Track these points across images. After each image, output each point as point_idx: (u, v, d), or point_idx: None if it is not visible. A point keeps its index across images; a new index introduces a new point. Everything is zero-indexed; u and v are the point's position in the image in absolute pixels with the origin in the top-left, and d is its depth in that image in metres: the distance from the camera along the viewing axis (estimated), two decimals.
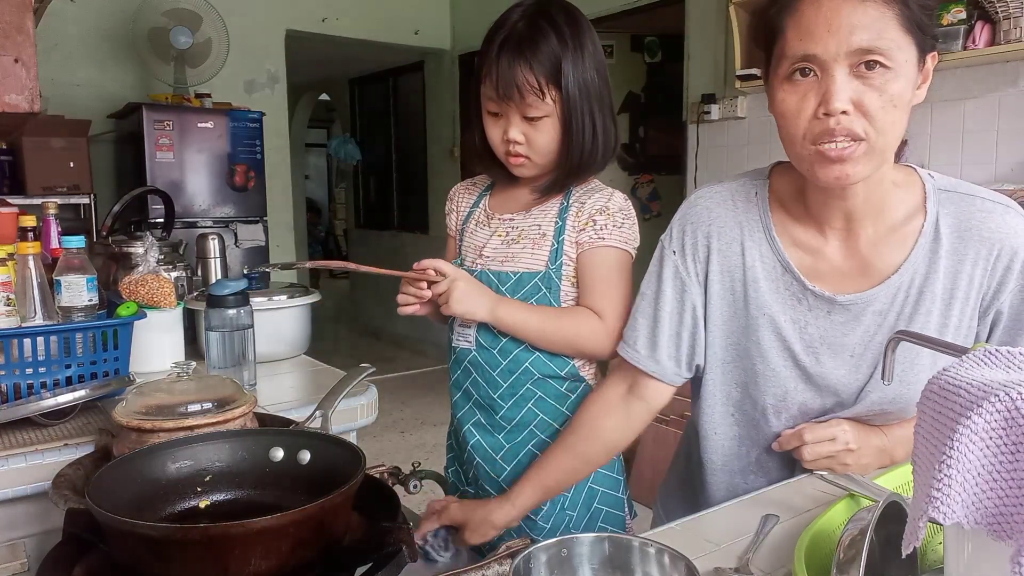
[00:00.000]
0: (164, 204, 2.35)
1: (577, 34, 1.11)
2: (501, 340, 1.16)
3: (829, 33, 0.80)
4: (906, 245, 0.92)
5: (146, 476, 0.77)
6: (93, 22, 4.17)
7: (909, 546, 0.50)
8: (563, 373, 1.17)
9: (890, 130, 0.82)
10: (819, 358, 0.97)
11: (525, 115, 1.11)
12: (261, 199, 4.27)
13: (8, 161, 3.52)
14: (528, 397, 1.17)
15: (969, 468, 0.47)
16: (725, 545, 0.80)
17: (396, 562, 0.65)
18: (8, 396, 1.19)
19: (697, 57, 3.88)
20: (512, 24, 1.10)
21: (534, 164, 1.15)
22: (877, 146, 0.83)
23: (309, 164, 10.48)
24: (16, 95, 1.37)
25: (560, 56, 1.08)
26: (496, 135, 1.14)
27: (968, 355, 0.55)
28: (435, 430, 4.41)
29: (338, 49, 5.52)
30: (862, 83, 0.81)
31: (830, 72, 0.81)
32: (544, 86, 1.09)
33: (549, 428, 1.18)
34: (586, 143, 1.13)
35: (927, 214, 0.92)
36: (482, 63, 1.13)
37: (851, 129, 0.81)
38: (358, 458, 0.74)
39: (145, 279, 1.49)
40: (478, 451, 1.21)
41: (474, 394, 1.21)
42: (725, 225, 1.01)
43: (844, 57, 0.80)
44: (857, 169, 0.83)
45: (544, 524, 1.17)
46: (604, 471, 1.20)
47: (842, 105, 0.81)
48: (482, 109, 1.16)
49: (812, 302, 0.96)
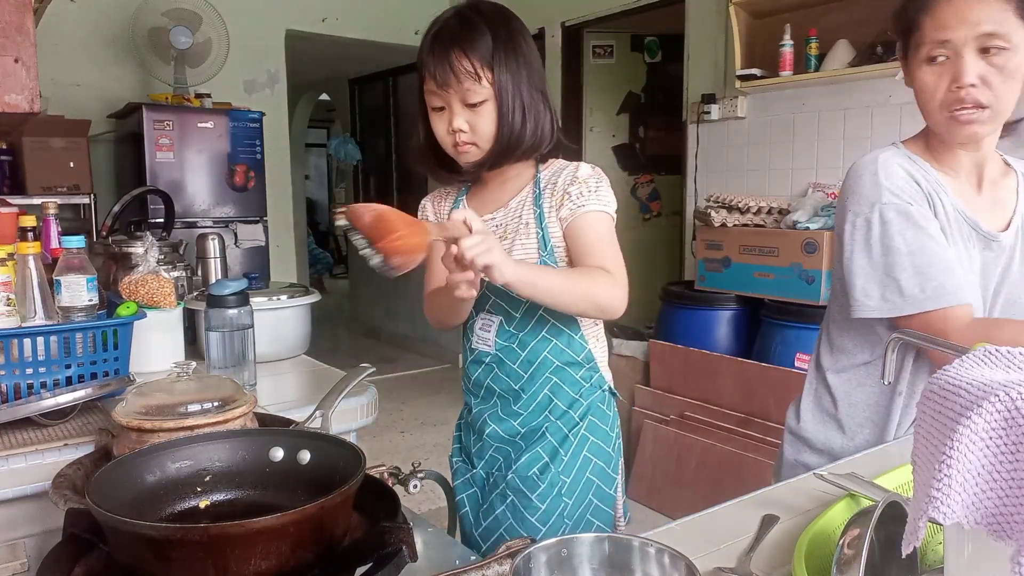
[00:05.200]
0: (164, 204, 2.35)
1: (505, 24, 1.18)
2: (518, 335, 1.21)
3: (960, 23, 1.02)
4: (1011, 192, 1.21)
5: (146, 476, 0.76)
6: (93, 22, 4.17)
7: (909, 546, 0.50)
8: (580, 358, 1.23)
9: (1009, 97, 1.05)
10: None
11: (466, 101, 1.16)
12: (261, 199, 4.27)
13: (8, 161, 3.52)
14: (546, 384, 1.22)
15: (969, 468, 0.47)
16: (725, 545, 0.80)
17: (396, 562, 0.65)
18: (8, 396, 1.19)
19: (697, 57, 3.88)
20: (444, 20, 1.18)
21: (478, 150, 1.20)
22: (998, 111, 1.06)
23: (309, 164, 10.48)
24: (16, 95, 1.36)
25: (491, 41, 1.15)
26: (442, 128, 1.20)
27: (968, 355, 0.55)
28: (435, 430, 4.41)
29: (338, 49, 5.51)
30: (986, 63, 1.03)
31: (961, 55, 1.03)
32: (479, 69, 1.14)
33: (563, 414, 1.22)
34: (515, 123, 1.18)
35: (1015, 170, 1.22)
36: (420, 59, 1.19)
37: (977, 99, 1.04)
38: (358, 458, 0.74)
39: (145, 279, 1.49)
40: (495, 438, 1.26)
41: (496, 389, 1.25)
42: (923, 180, 1.15)
43: (972, 42, 1.02)
44: (984, 129, 1.08)
45: (540, 504, 1.20)
46: (602, 464, 1.23)
47: (971, 79, 1.03)
48: (427, 109, 1.21)
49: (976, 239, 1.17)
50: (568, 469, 1.21)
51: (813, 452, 1.31)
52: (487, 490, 1.28)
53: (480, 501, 1.29)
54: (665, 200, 5.09)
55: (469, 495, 1.31)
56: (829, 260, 2.86)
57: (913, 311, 1.09)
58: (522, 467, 1.22)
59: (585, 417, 1.23)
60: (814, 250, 2.90)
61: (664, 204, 5.10)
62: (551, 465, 1.21)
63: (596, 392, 1.25)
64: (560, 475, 1.20)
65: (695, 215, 3.64)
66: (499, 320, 1.23)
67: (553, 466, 1.21)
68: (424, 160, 1.29)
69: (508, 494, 1.23)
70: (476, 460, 1.30)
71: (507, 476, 1.23)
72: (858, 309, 1.14)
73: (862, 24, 3.09)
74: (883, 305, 1.11)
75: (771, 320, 3.07)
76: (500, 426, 1.25)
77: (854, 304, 1.14)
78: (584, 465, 1.22)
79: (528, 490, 1.20)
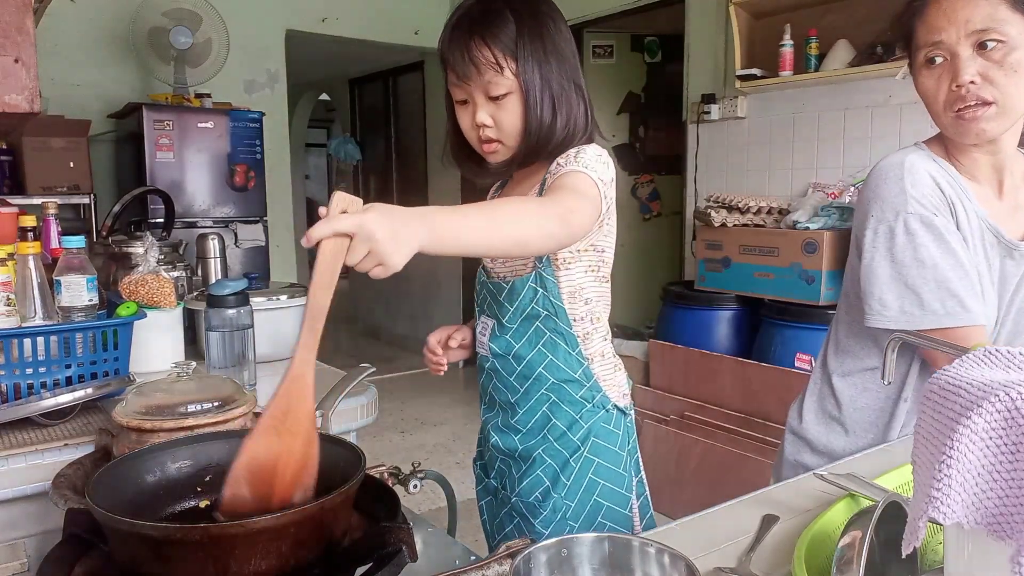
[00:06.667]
0: (164, 204, 2.36)
1: (531, 8, 1.10)
2: (514, 345, 1.16)
3: (950, 24, 1.03)
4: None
5: (146, 476, 0.77)
6: (93, 22, 4.17)
7: (909, 546, 0.50)
8: (577, 375, 1.15)
9: (1014, 92, 1.03)
10: None
11: (489, 95, 1.09)
12: (261, 199, 4.27)
13: (8, 161, 3.53)
14: (543, 401, 1.16)
15: (969, 468, 0.47)
16: (725, 545, 0.80)
17: (396, 562, 0.65)
18: (8, 396, 1.19)
19: (697, 57, 3.88)
20: (466, 6, 1.10)
21: (506, 148, 1.13)
22: (1006, 106, 1.04)
23: (309, 164, 10.47)
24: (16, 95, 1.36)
25: (515, 30, 1.07)
26: (466, 122, 1.13)
27: (968, 355, 0.55)
28: (435, 430, 4.41)
29: (338, 49, 5.51)
30: (985, 59, 1.02)
31: (956, 54, 1.03)
32: (501, 59, 1.07)
33: (562, 436, 1.16)
34: (543, 117, 1.10)
35: None
36: (439, 49, 1.12)
37: (979, 95, 1.03)
38: (358, 458, 0.74)
39: (145, 279, 1.49)
40: (497, 449, 1.23)
41: (496, 398, 1.22)
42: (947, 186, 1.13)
43: (965, 39, 1.02)
44: (991, 126, 1.05)
45: (543, 530, 1.16)
46: (612, 486, 1.18)
47: (969, 76, 1.02)
48: (452, 102, 1.15)
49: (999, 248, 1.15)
50: (572, 494, 1.15)
51: (814, 453, 1.30)
52: (497, 504, 1.26)
53: (496, 513, 1.27)
54: (665, 200, 5.09)
55: (486, 503, 1.29)
56: (829, 260, 2.86)
57: (931, 326, 1.06)
58: (524, 491, 1.17)
59: (587, 440, 1.16)
60: (814, 250, 2.90)
61: (664, 204, 5.10)
62: (552, 491, 1.15)
63: (599, 412, 1.17)
64: (564, 500, 1.15)
65: (695, 215, 3.63)
66: (492, 324, 1.19)
67: (555, 492, 1.15)
68: (453, 154, 1.22)
69: (515, 516, 1.20)
70: (489, 469, 1.28)
71: (511, 498, 1.20)
72: (873, 318, 1.12)
73: (862, 24, 3.09)
74: (900, 317, 1.09)
75: (771, 320, 3.07)
76: (501, 438, 1.21)
77: (869, 312, 1.12)
78: (591, 487, 1.16)
79: (531, 515, 1.16)
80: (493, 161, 1.16)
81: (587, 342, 1.17)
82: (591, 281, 1.16)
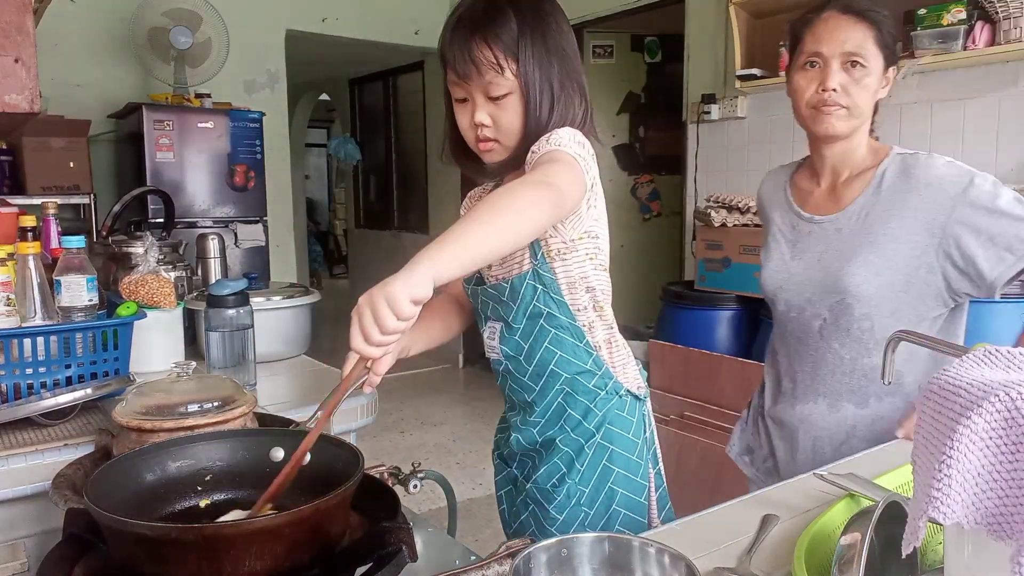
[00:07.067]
0: (164, 204, 2.36)
1: (534, 7, 1.09)
2: (523, 346, 1.16)
3: (831, 40, 1.26)
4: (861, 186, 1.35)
5: (146, 476, 0.77)
6: (93, 22, 4.17)
7: (909, 546, 0.50)
8: (588, 365, 1.16)
9: (862, 104, 1.28)
10: None
11: (489, 95, 1.08)
12: (261, 199, 4.27)
13: (8, 161, 3.52)
14: (558, 395, 1.18)
15: (969, 468, 0.47)
16: (725, 545, 0.80)
17: (396, 562, 0.65)
18: (8, 396, 1.19)
19: (697, 57, 3.88)
20: (469, 5, 1.09)
21: (503, 148, 1.13)
22: (854, 113, 1.28)
23: (309, 164, 10.48)
24: (16, 95, 1.36)
25: (517, 30, 1.06)
26: (464, 121, 1.13)
27: (968, 355, 0.55)
28: (435, 430, 4.41)
29: (338, 49, 5.52)
30: (847, 75, 1.26)
31: (829, 64, 1.27)
32: (501, 59, 1.06)
33: (578, 425, 1.17)
34: (542, 118, 1.09)
35: (878, 168, 1.32)
36: (439, 48, 1.11)
37: (837, 101, 1.27)
38: (357, 459, 0.74)
39: (145, 279, 1.49)
40: (518, 446, 1.23)
41: (515, 399, 1.23)
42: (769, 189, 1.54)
43: (838, 55, 1.26)
44: (840, 124, 1.29)
45: (558, 515, 1.16)
46: (627, 473, 1.18)
47: (834, 84, 1.26)
48: (452, 100, 1.14)
49: None
50: (586, 480, 1.16)
51: None
52: (515, 492, 1.27)
53: (513, 501, 1.28)
54: (665, 200, 5.09)
55: (506, 492, 1.30)
56: None
57: None
58: (541, 478, 1.19)
59: (601, 427, 1.17)
60: None
61: (664, 204, 5.10)
62: (567, 477, 1.16)
63: (613, 399, 1.18)
64: (578, 485, 1.16)
65: (695, 215, 3.63)
66: (500, 326, 1.19)
67: (570, 477, 1.16)
68: (452, 152, 1.22)
69: (529, 503, 1.21)
70: (510, 461, 1.29)
71: (527, 486, 1.21)
72: None
73: None
74: None
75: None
76: (522, 435, 1.22)
77: None
78: (605, 474, 1.16)
79: (545, 501, 1.17)
80: (489, 160, 1.16)
81: (592, 331, 1.18)
82: (592, 269, 1.16)
